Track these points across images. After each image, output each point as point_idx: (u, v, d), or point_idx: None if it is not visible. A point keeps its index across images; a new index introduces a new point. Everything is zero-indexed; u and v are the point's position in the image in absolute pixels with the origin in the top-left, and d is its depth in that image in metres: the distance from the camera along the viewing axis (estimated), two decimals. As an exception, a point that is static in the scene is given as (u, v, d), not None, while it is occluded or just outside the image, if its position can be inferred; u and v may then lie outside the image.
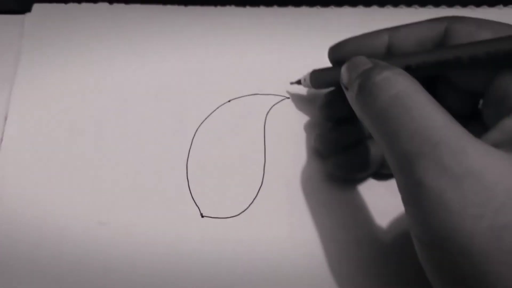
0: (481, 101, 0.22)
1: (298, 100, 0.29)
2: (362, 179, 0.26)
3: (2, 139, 0.27)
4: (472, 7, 0.32)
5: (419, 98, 0.17)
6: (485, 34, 0.19)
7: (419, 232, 0.17)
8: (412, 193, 0.16)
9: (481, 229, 0.14)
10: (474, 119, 0.22)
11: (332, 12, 0.32)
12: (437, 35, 0.21)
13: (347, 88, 0.21)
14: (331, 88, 0.25)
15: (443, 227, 0.15)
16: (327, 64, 0.25)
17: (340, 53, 0.24)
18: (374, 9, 0.32)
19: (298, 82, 0.27)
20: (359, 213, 0.25)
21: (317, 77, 0.26)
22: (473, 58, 0.19)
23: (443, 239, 0.15)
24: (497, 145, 0.16)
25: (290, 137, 0.27)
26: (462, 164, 0.15)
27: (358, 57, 0.21)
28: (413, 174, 0.16)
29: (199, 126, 0.28)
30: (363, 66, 0.20)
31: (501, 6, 0.32)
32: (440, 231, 0.15)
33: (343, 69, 0.21)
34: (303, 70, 0.29)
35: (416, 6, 0.32)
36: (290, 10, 0.32)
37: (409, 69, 0.20)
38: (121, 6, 0.32)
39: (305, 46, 0.31)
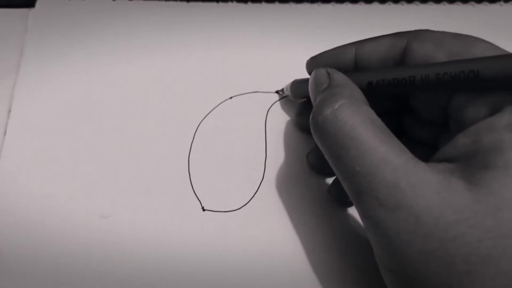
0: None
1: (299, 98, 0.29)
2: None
3: (5, 132, 0.27)
4: (473, 3, 0.32)
5: (357, 134, 0.18)
6: (440, 57, 0.19)
7: (375, 254, 0.18)
8: (364, 222, 0.18)
9: (412, 253, 0.16)
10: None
11: (333, 8, 0.32)
12: (398, 52, 0.21)
13: None
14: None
15: (385, 251, 0.17)
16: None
17: (314, 66, 0.24)
18: (375, 6, 0.32)
19: (282, 90, 0.28)
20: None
21: (297, 88, 0.26)
22: (425, 79, 0.19)
23: (388, 262, 0.17)
24: (450, 160, 0.17)
25: (290, 134, 0.28)
26: (394, 197, 0.16)
27: (318, 70, 0.22)
28: (359, 207, 0.18)
29: (201, 121, 0.28)
30: (321, 86, 0.21)
31: (501, 2, 0.32)
32: (385, 255, 0.17)
33: (309, 85, 0.22)
34: (303, 68, 0.29)
35: (417, 2, 0.32)
36: (291, 7, 0.32)
37: (370, 85, 0.21)
38: (124, 1, 0.32)
39: (307, 43, 0.31)
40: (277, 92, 0.29)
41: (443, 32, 0.20)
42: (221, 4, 0.32)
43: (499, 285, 0.14)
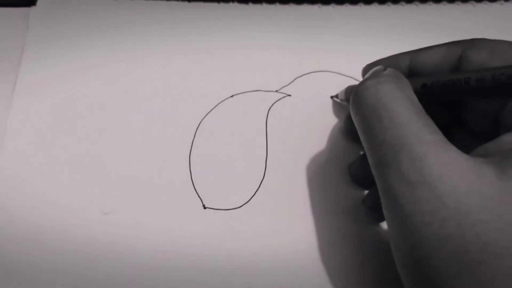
0: None
1: (300, 97, 0.29)
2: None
3: (6, 130, 0.27)
4: (473, 3, 0.32)
5: (394, 107, 0.17)
6: (495, 64, 0.19)
7: (389, 232, 0.18)
8: (382, 197, 0.18)
9: (426, 235, 0.15)
10: None
11: (333, 9, 0.32)
12: (453, 60, 0.21)
13: None
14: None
15: (400, 230, 0.17)
16: (325, 60, 0.26)
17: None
18: (375, 7, 0.32)
19: (336, 96, 0.28)
20: (360, 207, 0.25)
21: (349, 93, 0.26)
22: (481, 80, 0.18)
23: (399, 241, 0.17)
24: (487, 155, 0.17)
25: (291, 132, 0.28)
26: (418, 172, 0.16)
27: (367, 65, 0.22)
28: (380, 180, 0.17)
29: (202, 119, 0.28)
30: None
31: (502, 1, 0.32)
32: (397, 234, 0.17)
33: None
34: (304, 67, 0.29)
35: (417, 2, 0.32)
36: (292, 8, 0.32)
37: (425, 87, 0.20)
38: (126, 0, 0.32)
39: (306, 43, 0.31)
40: (331, 97, 0.28)
41: (500, 41, 0.20)
42: (222, 4, 0.32)
43: (511, 281, 0.14)
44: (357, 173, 0.25)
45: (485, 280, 0.14)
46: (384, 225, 0.25)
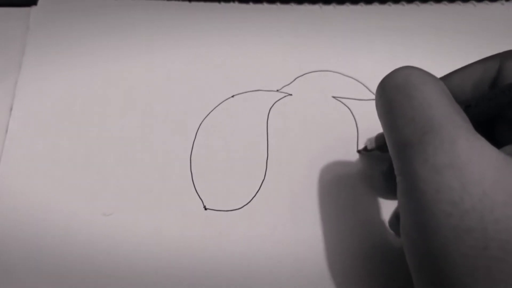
0: None
1: (300, 97, 0.29)
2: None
3: (7, 131, 0.27)
4: (474, 3, 0.32)
5: (425, 88, 0.16)
6: None
7: (403, 220, 0.17)
8: (400, 181, 0.16)
9: (446, 227, 0.14)
10: None
11: (333, 9, 0.32)
12: (491, 76, 0.20)
13: None
14: None
15: (416, 219, 0.15)
16: (326, 60, 0.25)
17: None
18: (376, 7, 0.32)
19: (365, 149, 0.26)
20: (360, 207, 0.25)
21: (382, 139, 0.24)
22: None
23: (413, 231, 0.16)
24: None
25: (292, 133, 0.28)
26: (446, 154, 0.14)
27: None
28: (400, 162, 0.16)
29: (203, 120, 0.28)
30: None
31: (502, 1, 0.32)
32: (412, 223, 0.16)
33: None
34: (305, 67, 0.29)
35: (417, 2, 0.32)
36: (292, 8, 0.32)
37: (468, 107, 0.19)
38: (127, 0, 0.32)
39: (307, 43, 0.31)
40: (359, 151, 0.27)
41: None
42: (223, 4, 0.32)
43: None
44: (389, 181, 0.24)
45: (501, 280, 0.14)
46: (384, 225, 0.25)
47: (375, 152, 0.25)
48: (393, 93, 0.17)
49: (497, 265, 0.14)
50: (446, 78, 0.21)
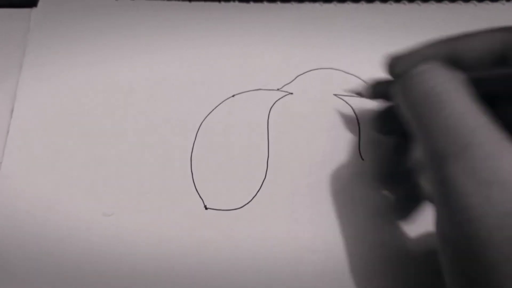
0: None
1: (302, 95, 0.29)
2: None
3: (8, 132, 0.27)
4: (475, 2, 0.32)
5: (457, 95, 0.16)
6: None
7: (443, 229, 0.16)
8: (440, 190, 0.16)
9: (498, 239, 0.14)
10: None
11: (335, 8, 0.32)
12: (497, 49, 0.19)
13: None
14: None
15: (464, 230, 0.15)
16: (328, 59, 0.25)
17: (402, 67, 0.21)
18: (377, 5, 0.32)
19: (359, 93, 0.26)
20: (362, 207, 0.25)
21: (378, 87, 0.24)
22: None
23: (462, 240, 0.15)
24: None
25: (293, 132, 0.27)
26: (492, 169, 0.14)
27: (393, 57, 0.20)
28: (442, 173, 0.16)
29: (204, 120, 0.28)
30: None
31: (503, 1, 0.32)
32: (461, 233, 0.15)
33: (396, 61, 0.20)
34: (306, 65, 0.29)
35: (419, 2, 0.32)
36: (293, 6, 0.32)
37: (477, 81, 0.18)
38: (127, 1, 0.32)
39: (308, 41, 0.31)
40: (356, 93, 0.26)
41: None
42: (223, 3, 0.32)
43: None
44: (386, 123, 0.24)
45: None
46: (385, 225, 0.24)
47: (366, 97, 0.25)
48: (421, 98, 0.17)
49: None
50: (452, 42, 0.20)
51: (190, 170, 0.26)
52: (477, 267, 0.15)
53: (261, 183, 0.26)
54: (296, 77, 0.29)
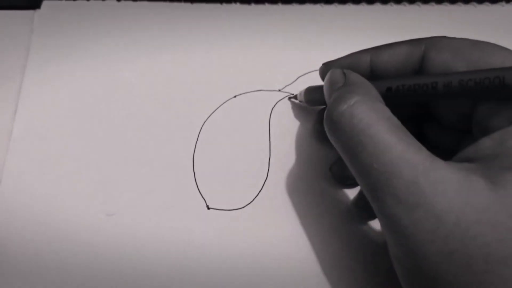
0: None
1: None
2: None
3: (11, 133, 0.27)
4: (475, 4, 0.32)
5: (374, 131, 0.17)
6: (459, 65, 0.19)
7: (391, 248, 0.18)
8: (380, 220, 0.18)
9: (431, 253, 0.16)
10: None
11: (335, 9, 0.33)
12: (416, 61, 0.21)
13: None
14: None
15: (403, 248, 0.17)
16: (328, 59, 0.25)
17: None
18: (377, 7, 0.33)
19: (295, 97, 0.28)
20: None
21: (311, 94, 0.26)
22: (448, 85, 0.18)
23: (404, 257, 0.17)
24: (471, 160, 0.17)
25: (294, 132, 0.28)
26: (414, 195, 0.16)
27: (334, 70, 0.21)
28: (376, 205, 0.17)
29: (206, 120, 0.28)
30: (336, 84, 0.20)
31: (503, 3, 0.32)
32: (402, 251, 0.17)
33: (324, 85, 0.22)
34: (307, 66, 0.29)
35: (419, 3, 0.32)
36: (294, 8, 0.33)
37: (390, 91, 0.20)
38: (129, 3, 0.32)
39: (309, 42, 0.31)
40: (289, 98, 0.29)
41: (461, 40, 0.20)
42: (224, 5, 0.33)
43: None
44: (340, 173, 0.25)
45: None
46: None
47: (304, 104, 0.27)
48: (345, 141, 0.18)
49: (486, 277, 0.15)
50: (374, 52, 0.22)
51: (192, 170, 0.26)
52: (421, 279, 0.16)
53: (262, 183, 0.26)
54: (297, 78, 0.29)
